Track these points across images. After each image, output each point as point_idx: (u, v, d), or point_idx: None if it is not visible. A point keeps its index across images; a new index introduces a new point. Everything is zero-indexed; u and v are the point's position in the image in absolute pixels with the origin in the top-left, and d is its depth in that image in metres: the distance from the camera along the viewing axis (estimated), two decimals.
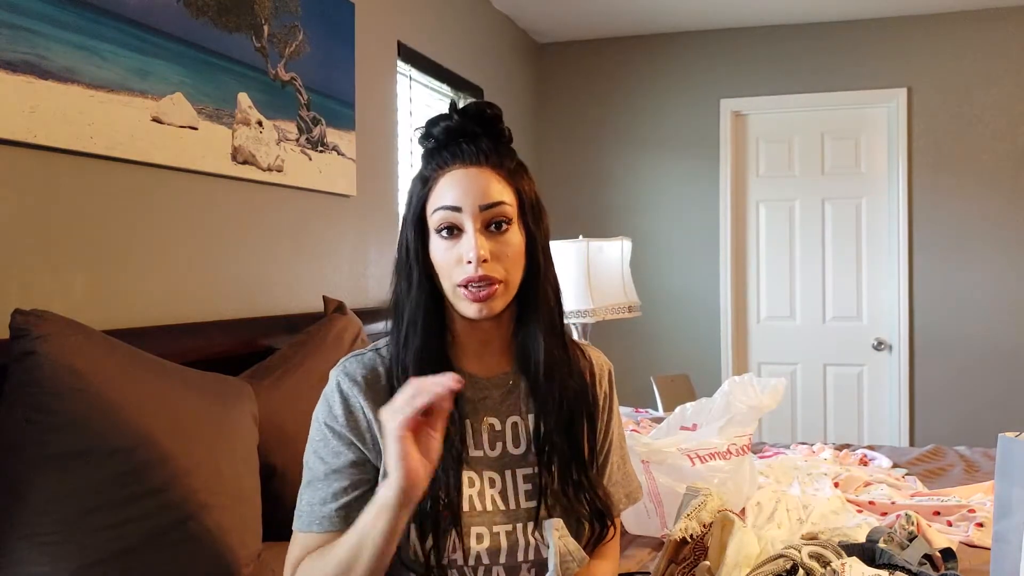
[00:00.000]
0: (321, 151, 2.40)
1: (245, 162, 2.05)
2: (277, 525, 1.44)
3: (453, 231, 1.05)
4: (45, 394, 1.18)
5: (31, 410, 1.18)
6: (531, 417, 1.12)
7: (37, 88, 1.45)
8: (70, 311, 1.34)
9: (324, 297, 2.19)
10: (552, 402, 1.11)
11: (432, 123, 1.09)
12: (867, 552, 1.34)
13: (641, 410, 3.14)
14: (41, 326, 1.21)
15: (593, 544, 1.18)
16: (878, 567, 1.28)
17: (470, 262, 1.02)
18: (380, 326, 2.26)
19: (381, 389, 1.08)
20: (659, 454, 1.81)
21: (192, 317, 1.87)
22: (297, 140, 2.27)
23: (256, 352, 1.89)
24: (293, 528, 1.07)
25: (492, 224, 1.05)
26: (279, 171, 2.19)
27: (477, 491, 1.07)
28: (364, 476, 1.06)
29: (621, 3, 3.87)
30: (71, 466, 1.18)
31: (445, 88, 3.43)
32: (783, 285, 4.26)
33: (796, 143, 4.23)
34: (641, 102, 4.34)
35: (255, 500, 1.45)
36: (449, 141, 1.08)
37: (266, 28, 2.13)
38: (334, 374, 1.10)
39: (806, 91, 4.14)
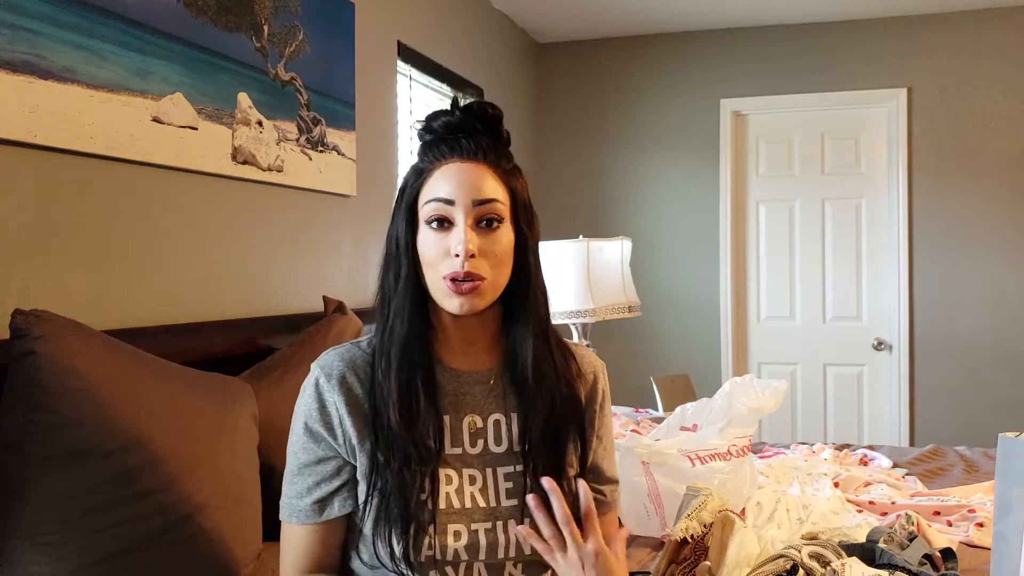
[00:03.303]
0: (321, 151, 2.40)
1: (245, 162, 2.05)
2: (277, 525, 1.43)
3: (444, 223, 1.05)
4: (45, 394, 1.18)
5: (31, 410, 1.18)
6: (515, 416, 1.12)
7: (37, 88, 1.45)
8: (70, 311, 1.34)
9: (324, 297, 2.19)
10: (540, 405, 1.10)
11: (433, 117, 1.10)
12: (867, 552, 1.34)
13: (641, 410, 3.14)
14: (41, 326, 1.21)
15: None
16: (878, 567, 1.28)
17: (457, 255, 1.02)
18: None
19: (359, 384, 1.08)
20: (659, 455, 1.81)
21: (192, 317, 1.87)
22: (297, 140, 2.27)
23: (256, 352, 1.89)
24: (280, 517, 1.12)
25: (483, 221, 1.05)
26: (279, 171, 2.19)
27: (455, 488, 1.07)
28: (336, 472, 1.08)
29: (621, 3, 3.87)
30: (71, 466, 1.18)
31: (445, 88, 3.43)
32: (783, 285, 4.26)
33: (796, 143, 4.23)
34: (641, 102, 4.34)
35: (255, 500, 1.45)
36: (448, 135, 1.08)
37: (266, 28, 2.13)
38: (313, 368, 1.11)
39: (806, 91, 4.14)
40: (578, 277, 2.91)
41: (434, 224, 1.05)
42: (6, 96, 1.39)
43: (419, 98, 3.22)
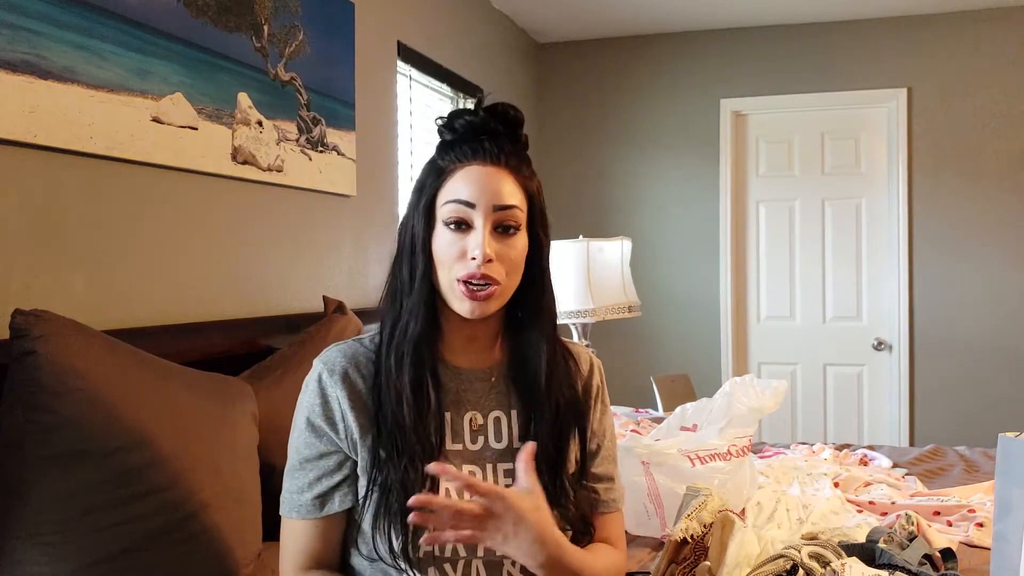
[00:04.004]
0: (321, 151, 2.40)
1: (245, 162, 2.05)
2: (277, 525, 1.43)
3: (462, 225, 1.05)
4: (45, 394, 1.18)
5: (31, 410, 1.17)
6: (515, 413, 1.13)
7: (37, 88, 1.45)
8: (70, 311, 1.34)
9: (324, 297, 2.19)
10: (547, 409, 1.12)
11: (455, 115, 1.10)
12: (867, 552, 1.34)
13: (641, 410, 3.14)
14: (41, 326, 1.21)
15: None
16: (878, 567, 1.28)
17: (475, 259, 1.03)
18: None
19: (361, 379, 1.09)
20: (659, 455, 1.81)
21: (192, 317, 1.87)
22: (297, 140, 2.27)
23: (256, 352, 1.89)
24: (280, 512, 1.12)
25: (501, 226, 1.06)
26: (279, 171, 2.19)
27: (454, 484, 1.08)
28: (337, 467, 1.09)
29: (621, 3, 3.87)
30: (71, 466, 1.18)
31: (445, 88, 3.43)
32: (783, 285, 4.26)
33: (796, 143, 4.23)
34: (641, 102, 4.34)
35: (255, 500, 1.45)
36: (470, 136, 1.08)
37: (266, 28, 2.13)
38: (315, 364, 1.12)
39: (806, 91, 4.14)
40: (578, 277, 2.91)
41: (452, 225, 1.06)
42: (6, 96, 1.39)
43: (419, 98, 3.22)
